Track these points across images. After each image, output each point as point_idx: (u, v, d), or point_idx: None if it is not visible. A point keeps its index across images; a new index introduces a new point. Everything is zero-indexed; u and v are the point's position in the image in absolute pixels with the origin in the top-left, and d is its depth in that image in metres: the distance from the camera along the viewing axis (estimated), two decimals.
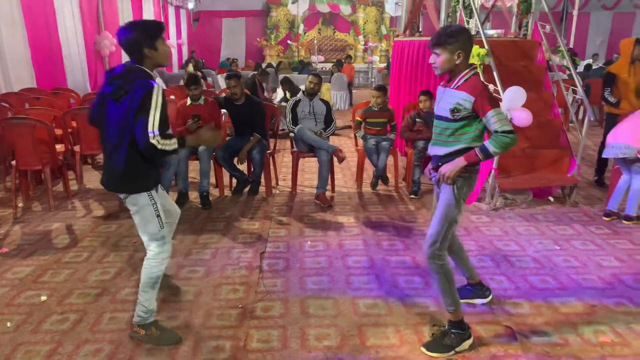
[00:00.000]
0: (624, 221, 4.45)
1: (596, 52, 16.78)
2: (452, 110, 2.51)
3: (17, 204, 4.83)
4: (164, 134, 2.42)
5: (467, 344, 2.61)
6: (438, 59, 2.52)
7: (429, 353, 2.59)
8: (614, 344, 2.68)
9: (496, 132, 2.43)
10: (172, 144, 2.45)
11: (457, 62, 2.49)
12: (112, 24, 11.31)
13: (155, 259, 2.66)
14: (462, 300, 2.74)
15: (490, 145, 2.44)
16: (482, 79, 2.46)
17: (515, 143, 2.44)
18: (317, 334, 2.77)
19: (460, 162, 2.52)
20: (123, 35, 2.46)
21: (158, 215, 2.62)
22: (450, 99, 2.54)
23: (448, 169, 2.54)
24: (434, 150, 2.72)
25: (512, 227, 4.38)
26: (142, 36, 2.45)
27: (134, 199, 2.58)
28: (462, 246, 3.03)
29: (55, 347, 2.65)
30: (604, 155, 4.74)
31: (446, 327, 2.66)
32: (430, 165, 2.81)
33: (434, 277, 2.63)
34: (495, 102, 2.47)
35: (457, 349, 2.59)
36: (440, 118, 2.62)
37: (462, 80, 2.51)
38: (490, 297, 3.09)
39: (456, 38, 2.46)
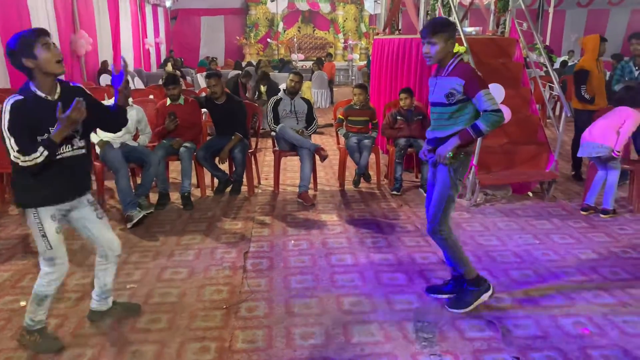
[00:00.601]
0: (601, 215, 4.55)
1: (571, 49, 17.09)
2: (447, 95, 2.71)
3: None
4: (23, 150, 2.25)
5: (486, 295, 2.94)
6: (433, 48, 2.69)
7: (453, 310, 2.93)
8: (593, 335, 2.74)
9: (485, 111, 2.65)
10: (35, 158, 2.25)
11: (450, 50, 2.72)
12: (88, 23, 11.14)
13: (43, 278, 2.56)
14: (438, 295, 3.09)
15: (481, 123, 2.66)
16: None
17: (503, 121, 2.69)
18: (302, 333, 2.78)
19: (454, 141, 2.73)
20: (5, 52, 2.35)
21: (44, 236, 2.47)
22: (444, 85, 2.74)
23: (445, 149, 2.75)
24: (433, 134, 2.89)
25: (493, 223, 4.45)
26: (17, 47, 2.29)
27: (26, 213, 2.49)
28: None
29: (36, 353, 2.60)
30: (579, 155, 4.83)
31: (465, 286, 2.96)
32: (426, 147, 2.97)
33: (441, 248, 2.98)
34: (484, 84, 2.69)
35: (477, 302, 2.92)
36: (436, 105, 2.82)
37: (451, 67, 2.72)
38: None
39: (448, 27, 2.70)
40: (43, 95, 2.38)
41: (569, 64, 12.37)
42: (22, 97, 2.34)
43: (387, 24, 7.08)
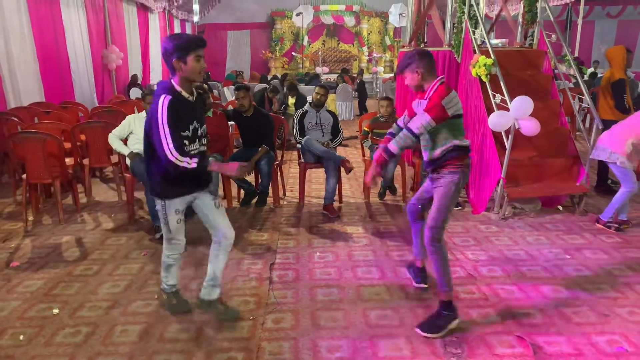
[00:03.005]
0: (596, 223, 4.56)
1: (596, 60, 16.74)
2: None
3: (28, 218, 4.86)
4: (181, 150, 2.59)
5: (454, 323, 2.86)
6: (407, 81, 2.98)
7: (424, 333, 2.83)
8: (629, 354, 2.65)
9: (409, 130, 2.86)
10: (187, 163, 2.61)
11: (419, 77, 2.90)
12: (118, 38, 11.46)
13: (165, 252, 3.04)
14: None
15: (394, 144, 2.91)
16: (446, 88, 2.86)
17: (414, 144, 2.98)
18: (328, 346, 2.76)
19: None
20: (162, 46, 2.64)
21: (166, 224, 2.88)
22: (424, 107, 2.88)
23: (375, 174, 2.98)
24: (424, 155, 3.07)
25: (522, 237, 4.36)
26: (173, 48, 2.56)
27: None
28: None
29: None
30: (591, 157, 4.73)
31: (438, 309, 2.91)
32: (426, 167, 3.13)
33: (433, 259, 2.92)
34: (438, 111, 2.77)
35: (448, 328, 2.84)
36: None
37: (432, 91, 2.88)
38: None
39: (411, 60, 2.89)
40: (186, 95, 2.67)
41: (599, 75, 12.12)
42: (172, 96, 2.59)
43: (412, 37, 7.07)
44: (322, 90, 5.50)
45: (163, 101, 2.56)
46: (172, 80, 2.66)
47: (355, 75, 14.91)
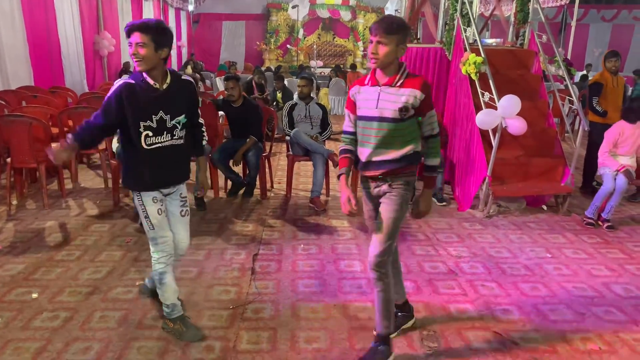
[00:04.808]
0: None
1: (589, 63, 16.84)
2: (401, 110, 2.35)
3: (11, 202, 4.83)
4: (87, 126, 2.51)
5: (392, 356, 2.55)
6: (382, 50, 2.30)
7: None
8: (602, 352, 2.69)
9: (431, 136, 2.49)
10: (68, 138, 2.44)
11: (399, 56, 2.36)
12: (111, 24, 11.35)
13: (153, 257, 2.71)
14: (395, 334, 2.70)
15: (433, 158, 2.52)
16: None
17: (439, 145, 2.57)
18: (307, 337, 2.78)
19: (427, 194, 2.59)
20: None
21: (146, 217, 2.63)
22: (396, 97, 2.37)
23: (426, 210, 2.60)
24: (381, 155, 2.45)
25: (505, 235, 4.40)
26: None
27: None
28: (400, 266, 2.90)
29: (44, 344, 2.65)
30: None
31: (374, 344, 2.56)
32: (366, 172, 2.55)
33: (378, 288, 2.49)
34: (432, 104, 2.47)
35: None
36: (384, 120, 2.39)
37: (403, 78, 2.38)
38: (414, 319, 2.91)
39: (405, 31, 2.36)
40: (152, 82, 2.51)
41: (590, 78, 12.20)
42: (134, 81, 2.49)
43: None
44: (303, 82, 5.48)
45: (118, 83, 2.51)
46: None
47: (349, 70, 14.87)
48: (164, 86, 2.53)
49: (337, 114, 12.03)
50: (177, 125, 2.60)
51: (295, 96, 5.58)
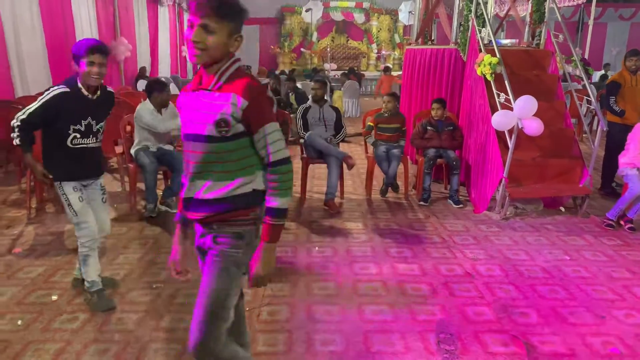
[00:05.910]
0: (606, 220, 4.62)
1: (607, 62, 16.59)
2: (218, 124, 1.67)
3: (31, 205, 4.91)
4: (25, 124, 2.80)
5: None
6: (210, 39, 1.64)
7: None
8: (623, 356, 2.64)
9: (273, 163, 1.73)
10: (16, 136, 2.81)
11: (230, 49, 1.72)
12: (127, 30, 11.51)
13: (79, 241, 3.04)
14: None
15: (276, 198, 1.72)
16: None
17: (292, 177, 1.79)
18: (322, 339, 2.78)
19: (267, 250, 1.78)
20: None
21: (69, 205, 2.97)
22: (211, 105, 1.69)
23: (266, 274, 1.80)
24: (194, 189, 1.78)
25: (522, 237, 4.35)
26: (72, 51, 2.80)
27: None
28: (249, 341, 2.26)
29: (64, 345, 2.69)
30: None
31: None
32: (187, 213, 1.85)
33: None
34: (274, 115, 1.76)
35: None
36: (199, 139, 1.72)
37: (224, 77, 1.72)
38: None
39: (240, 16, 1.71)
40: (86, 93, 2.89)
41: (609, 77, 12.03)
42: (70, 90, 2.84)
43: (419, 34, 7.05)
44: (317, 85, 5.50)
45: (55, 90, 2.81)
46: (77, 77, 2.86)
47: (363, 73, 14.90)
48: (95, 97, 2.93)
49: (351, 117, 12.03)
50: (100, 129, 3.04)
51: (309, 99, 5.60)
